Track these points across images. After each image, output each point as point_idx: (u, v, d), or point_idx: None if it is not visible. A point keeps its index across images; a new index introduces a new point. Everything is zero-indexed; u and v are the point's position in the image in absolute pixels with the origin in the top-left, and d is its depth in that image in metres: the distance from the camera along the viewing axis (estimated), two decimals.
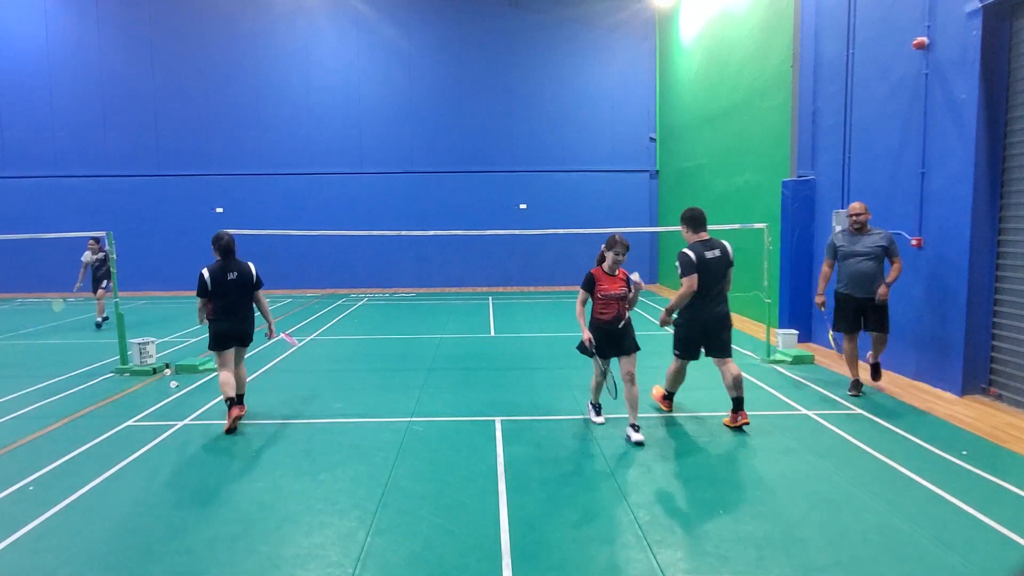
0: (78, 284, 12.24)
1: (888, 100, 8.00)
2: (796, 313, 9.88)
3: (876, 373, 7.12)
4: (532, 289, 17.64)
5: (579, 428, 6.02)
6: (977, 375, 6.84)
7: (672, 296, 6.20)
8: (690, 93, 15.39)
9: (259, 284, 6.36)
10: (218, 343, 6.11)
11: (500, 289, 17.75)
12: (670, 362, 6.31)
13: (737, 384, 5.83)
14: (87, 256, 12.33)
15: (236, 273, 6.16)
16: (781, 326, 9.85)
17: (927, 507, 4.27)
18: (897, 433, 5.72)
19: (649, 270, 18.63)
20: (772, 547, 3.81)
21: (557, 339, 10.13)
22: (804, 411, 6.43)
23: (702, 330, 5.97)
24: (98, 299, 12.32)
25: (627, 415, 5.72)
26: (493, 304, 14.83)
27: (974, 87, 6.60)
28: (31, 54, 17.43)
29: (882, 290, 6.65)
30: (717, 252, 5.96)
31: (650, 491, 4.60)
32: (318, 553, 3.80)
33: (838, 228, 8.98)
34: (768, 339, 8.73)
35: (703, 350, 6.04)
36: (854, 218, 6.81)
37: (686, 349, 6.08)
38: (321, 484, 4.78)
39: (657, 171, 18.30)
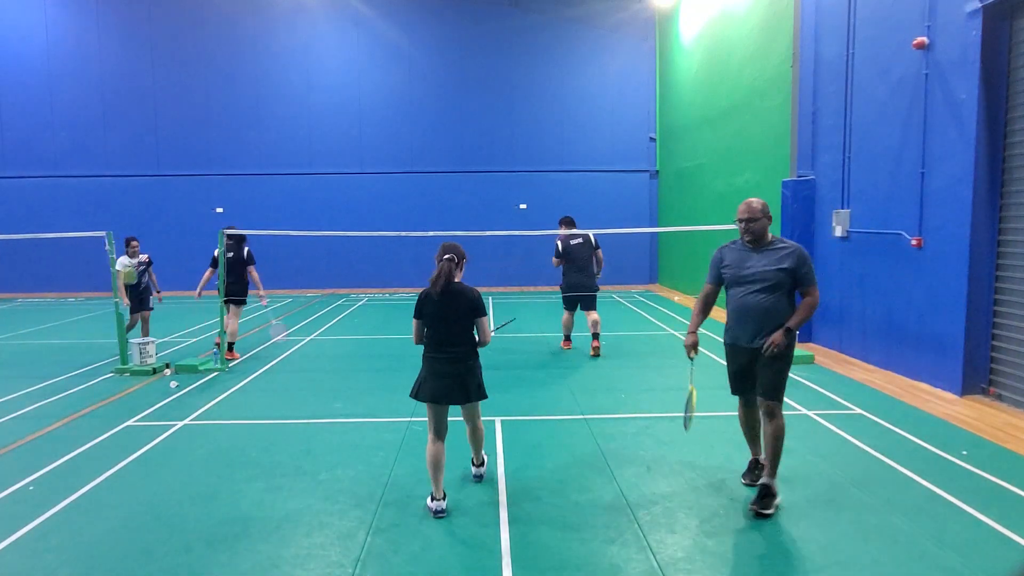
0: (125, 302, 9.08)
1: (888, 100, 8.00)
2: None
3: (763, 498, 4.24)
4: (532, 289, 17.64)
5: (579, 428, 6.02)
6: (977, 375, 6.84)
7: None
8: (690, 93, 15.40)
9: (249, 261, 9.22)
10: (225, 299, 8.94)
11: (500, 289, 17.74)
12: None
13: (596, 325, 9.13)
14: (125, 262, 9.28)
15: (232, 253, 9.06)
16: None
17: (927, 507, 4.27)
18: (897, 433, 5.72)
19: (649, 270, 18.64)
20: (772, 547, 3.80)
21: (557, 339, 10.13)
22: (804, 411, 6.43)
23: (576, 291, 9.08)
24: (143, 319, 9.58)
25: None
26: (493, 304, 14.83)
27: (974, 87, 6.60)
28: (31, 54, 17.43)
29: (774, 337, 4.15)
30: (580, 240, 9.14)
31: (650, 491, 4.59)
32: (318, 553, 3.80)
33: (838, 229, 9.00)
34: None
35: (579, 305, 9.20)
36: (741, 224, 4.35)
37: (568, 304, 9.25)
38: (321, 484, 4.78)
39: (657, 171, 18.30)
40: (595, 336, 9.13)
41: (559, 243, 9.18)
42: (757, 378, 4.33)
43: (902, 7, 7.70)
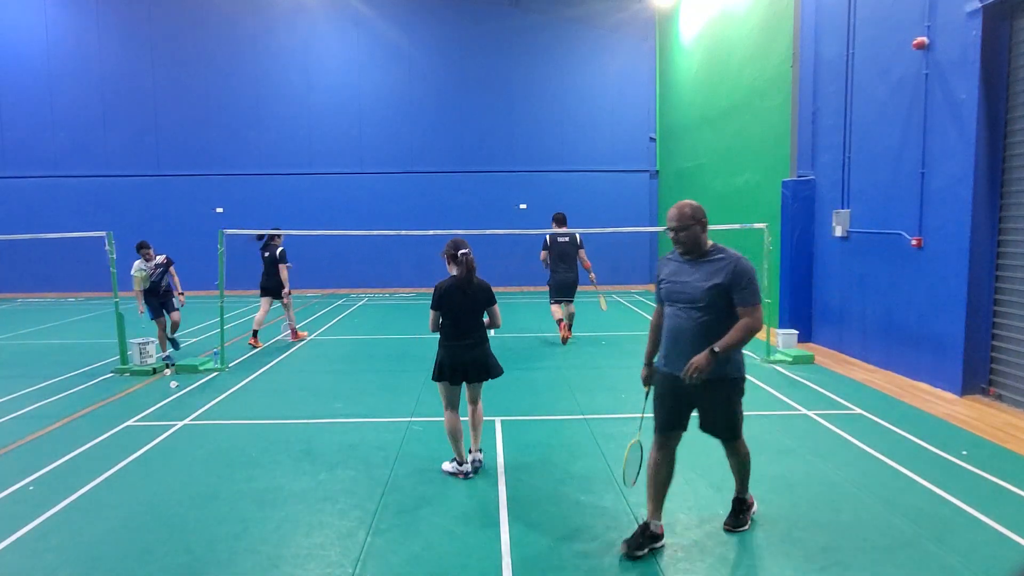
0: (140, 309, 8.88)
1: (888, 100, 8.00)
2: (796, 313, 9.89)
3: (738, 515, 4.04)
4: (532, 289, 17.63)
5: (579, 428, 6.02)
6: (977, 375, 6.84)
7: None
8: (690, 93, 15.40)
9: (281, 260, 10.20)
10: (261, 293, 10.36)
11: (500, 289, 17.71)
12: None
13: (570, 317, 10.04)
14: (139, 267, 8.78)
15: (267, 253, 10.25)
16: (781, 326, 9.85)
17: (927, 507, 4.28)
18: (897, 433, 5.73)
19: (649, 270, 18.64)
20: (772, 547, 3.80)
21: (557, 339, 10.13)
22: (804, 411, 6.43)
23: (559, 284, 9.83)
24: (172, 322, 9.07)
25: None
26: None
27: (974, 87, 6.60)
28: (31, 54, 17.42)
29: (695, 360, 3.48)
30: (567, 238, 9.86)
31: None
32: (318, 553, 3.80)
33: (838, 229, 9.00)
34: (768, 339, 8.73)
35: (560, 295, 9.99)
36: (671, 234, 3.75)
37: (554, 295, 9.97)
38: (321, 484, 4.78)
39: (657, 171, 18.30)
40: (568, 327, 10.05)
41: (547, 237, 10.00)
42: (702, 416, 3.78)
43: (902, 7, 7.70)
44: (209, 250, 15.52)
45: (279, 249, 10.18)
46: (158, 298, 8.91)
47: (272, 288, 10.22)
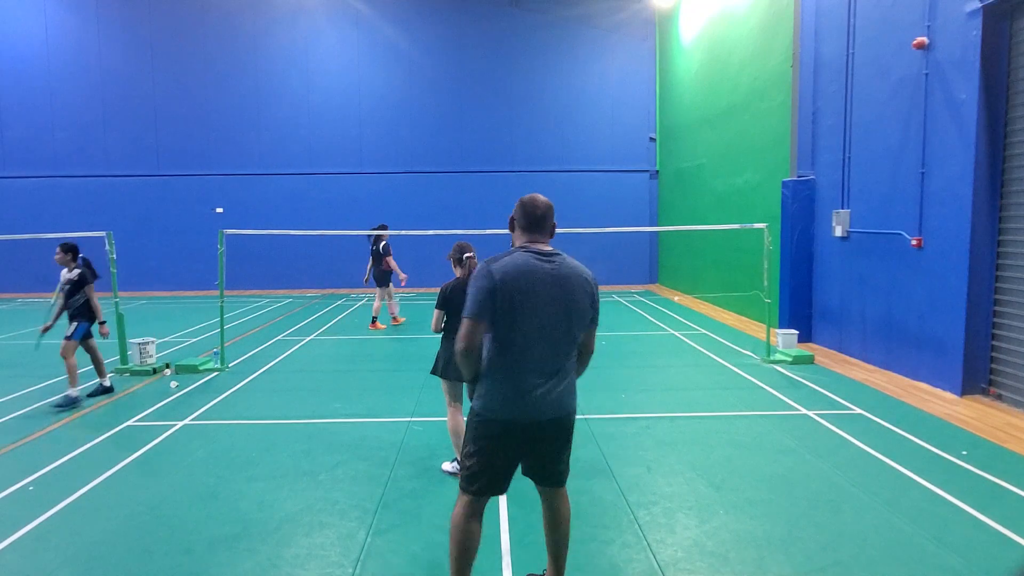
0: (50, 323, 7.16)
1: (888, 100, 8.00)
2: (796, 313, 9.89)
3: None
4: None
5: (579, 428, 6.01)
6: (977, 375, 6.84)
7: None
8: (690, 93, 15.40)
9: (385, 253, 11.41)
10: (375, 283, 11.68)
11: None
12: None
13: None
14: (63, 275, 7.17)
15: (375, 247, 11.60)
16: (781, 326, 9.84)
17: (927, 507, 4.27)
18: (897, 433, 5.73)
19: (649, 270, 18.64)
20: (772, 547, 3.80)
21: None
22: (804, 411, 6.43)
23: None
24: (65, 351, 6.92)
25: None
26: None
27: (974, 87, 6.60)
28: (31, 54, 17.43)
29: None
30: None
31: (650, 491, 4.59)
32: (318, 553, 3.80)
33: (838, 229, 9.01)
34: (768, 339, 8.73)
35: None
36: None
37: None
38: (321, 484, 4.78)
39: (657, 171, 18.30)
40: None
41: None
42: None
43: (902, 7, 7.70)
44: (209, 250, 15.56)
45: (383, 243, 11.51)
46: (69, 315, 7.11)
47: (379, 278, 11.59)
